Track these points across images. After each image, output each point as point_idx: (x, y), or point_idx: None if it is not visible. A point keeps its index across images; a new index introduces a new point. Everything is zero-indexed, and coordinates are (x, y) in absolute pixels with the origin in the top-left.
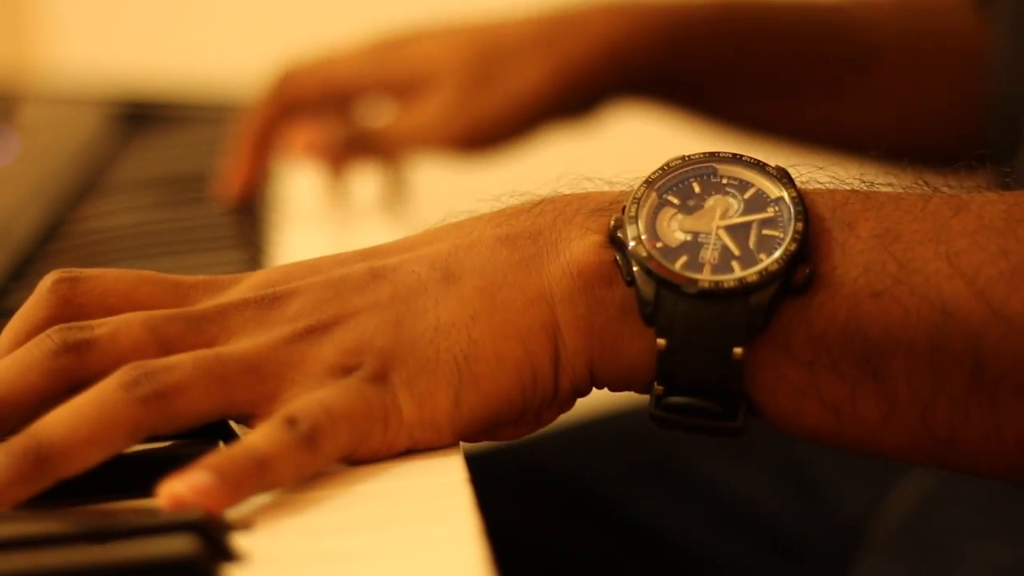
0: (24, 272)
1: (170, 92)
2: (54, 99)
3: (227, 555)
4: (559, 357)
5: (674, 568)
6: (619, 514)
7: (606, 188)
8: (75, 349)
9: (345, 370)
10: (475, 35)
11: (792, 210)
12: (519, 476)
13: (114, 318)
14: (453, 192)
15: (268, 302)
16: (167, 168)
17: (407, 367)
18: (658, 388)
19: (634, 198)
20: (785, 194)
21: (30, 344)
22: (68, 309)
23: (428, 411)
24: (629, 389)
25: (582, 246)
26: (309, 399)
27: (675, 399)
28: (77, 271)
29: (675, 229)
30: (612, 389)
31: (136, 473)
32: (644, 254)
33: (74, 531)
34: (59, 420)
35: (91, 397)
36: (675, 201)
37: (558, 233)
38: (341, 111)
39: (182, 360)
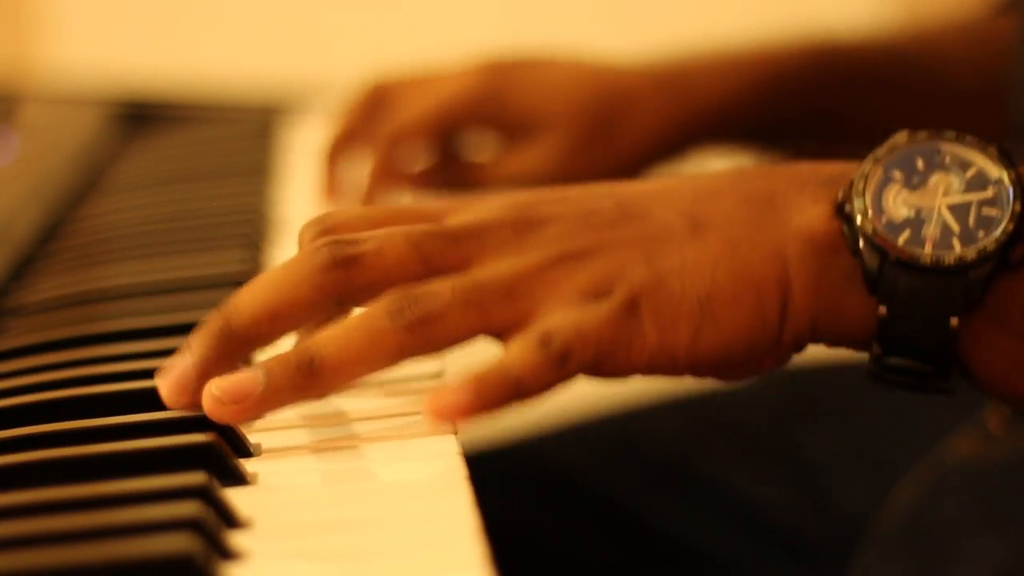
0: (24, 272)
1: (170, 92)
2: (54, 99)
3: (225, 553)
4: (787, 311)
5: (675, 566)
6: (620, 513)
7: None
8: (343, 265)
9: (596, 296)
10: (593, 77)
11: (1011, 191)
12: (520, 475)
13: (379, 233)
14: None
15: (524, 225)
16: (167, 168)
17: (655, 298)
18: (876, 350)
19: (862, 173)
20: (1005, 175)
21: (302, 257)
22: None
23: (669, 340)
24: (846, 347)
25: (812, 214)
26: (563, 319)
27: (892, 361)
28: (327, 215)
29: (899, 204)
30: (829, 345)
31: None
32: (870, 229)
33: (70, 529)
34: (331, 339)
35: (360, 320)
36: (899, 177)
37: (791, 199)
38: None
39: (443, 288)
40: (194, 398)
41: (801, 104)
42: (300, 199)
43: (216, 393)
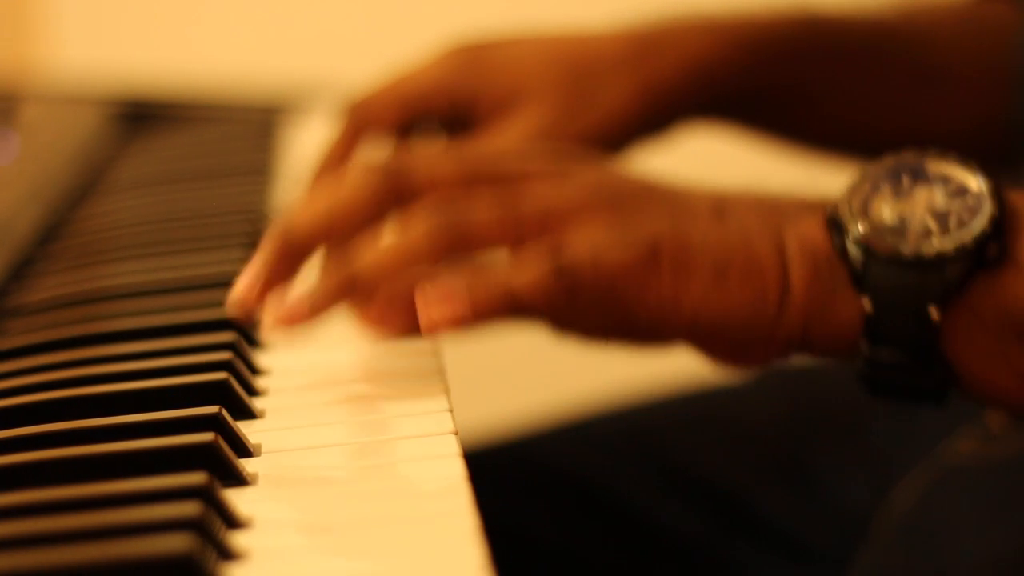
0: (24, 272)
1: (171, 91)
2: (54, 98)
3: (225, 553)
4: (783, 305)
5: (675, 565)
6: (620, 512)
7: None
8: (395, 191)
9: (622, 236)
10: (564, 48)
11: (989, 200)
12: (520, 475)
13: (428, 159)
14: None
15: (561, 174)
16: (168, 168)
17: (676, 251)
18: (864, 347)
19: (851, 186)
20: (985, 187)
21: (357, 182)
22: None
23: (680, 292)
24: (835, 352)
25: (809, 223)
26: (582, 243)
27: (881, 355)
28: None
29: (887, 211)
30: (818, 352)
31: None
32: (856, 231)
33: (70, 529)
34: (370, 255)
35: (400, 235)
36: (887, 189)
37: (793, 212)
38: (418, 129)
39: (485, 211)
40: (256, 307)
41: (783, 73)
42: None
43: (276, 317)
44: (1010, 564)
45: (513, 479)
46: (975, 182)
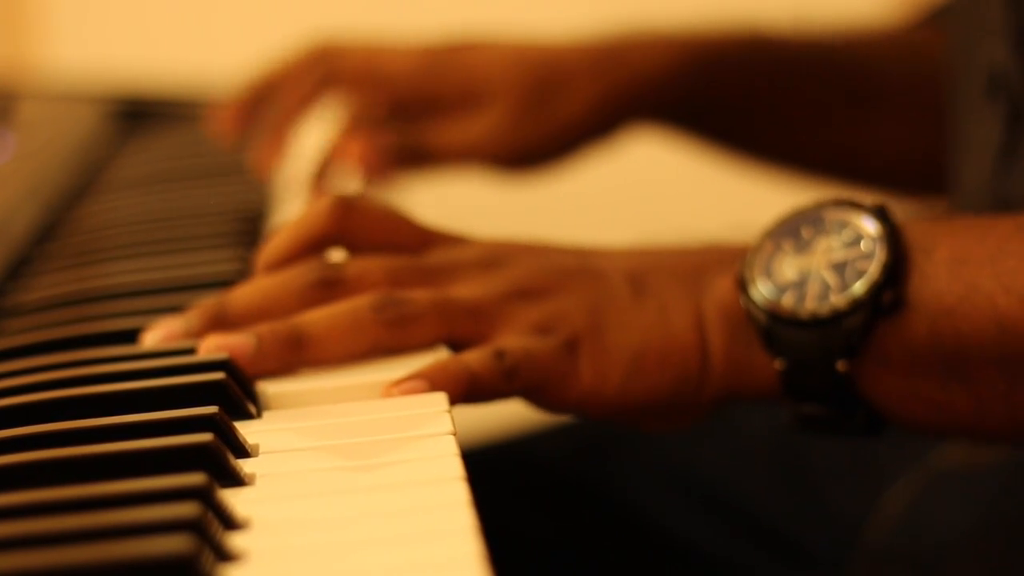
0: (21, 271)
1: (168, 89)
2: (51, 96)
3: (223, 554)
4: (704, 373)
5: (671, 566)
6: (617, 513)
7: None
8: (328, 285)
9: (545, 331)
10: (532, 55)
11: (881, 245)
12: (518, 475)
13: (362, 262)
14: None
15: (490, 264)
16: (164, 166)
17: (594, 344)
18: (787, 400)
19: (755, 248)
20: (879, 231)
21: (294, 274)
22: (338, 231)
23: (600, 384)
24: (764, 401)
25: (723, 285)
26: (515, 342)
27: (805, 409)
28: (352, 200)
29: (787, 269)
30: (748, 401)
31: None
32: (757, 296)
33: (67, 529)
34: (318, 320)
35: (347, 308)
36: (789, 246)
37: (711, 274)
38: (379, 112)
39: (421, 297)
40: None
41: (730, 87)
42: (298, 198)
43: (212, 349)
44: (1000, 569)
45: (512, 479)
46: (870, 227)
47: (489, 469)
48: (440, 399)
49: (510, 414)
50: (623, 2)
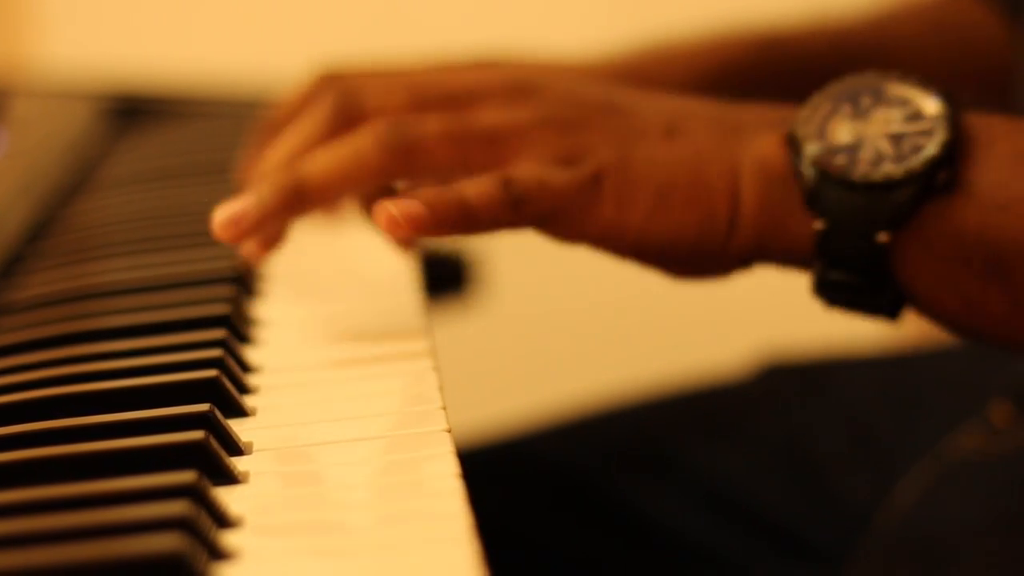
0: (13, 270)
1: (163, 86)
2: (44, 93)
3: (215, 553)
4: (734, 222)
5: (673, 562)
6: (616, 508)
7: None
8: (346, 115)
9: (567, 162)
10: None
11: (945, 124)
12: (514, 473)
13: (383, 84)
14: None
15: (516, 88)
16: (159, 163)
17: (619, 177)
18: (818, 265)
19: (812, 104)
20: (943, 111)
21: (314, 108)
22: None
23: (623, 216)
24: (791, 264)
25: (767, 140)
26: (529, 170)
27: (832, 275)
28: (341, 73)
29: (843, 131)
30: (774, 262)
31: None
32: (810, 150)
33: (58, 528)
34: (317, 160)
35: (347, 142)
36: (846, 109)
37: (752, 128)
38: None
39: (432, 123)
40: (243, 238)
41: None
42: None
43: (219, 218)
44: (1015, 560)
45: (511, 478)
46: (933, 106)
47: (490, 468)
48: (435, 397)
49: (510, 413)
50: (634, 15)
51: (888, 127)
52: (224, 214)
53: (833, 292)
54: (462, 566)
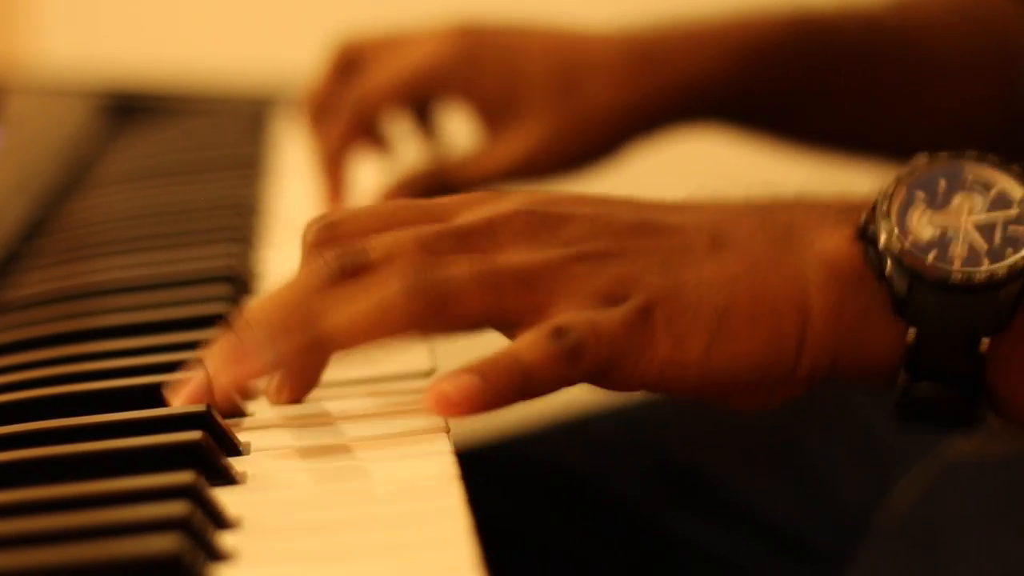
0: (9, 268)
1: (159, 83)
2: (40, 91)
3: (213, 554)
4: (804, 340)
5: (672, 564)
6: (615, 510)
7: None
8: (352, 273)
9: (612, 299)
10: (560, 51)
11: None
12: (515, 474)
13: (386, 237)
14: None
15: (539, 220)
16: (156, 161)
17: (670, 307)
18: (903, 378)
19: (885, 194)
20: None
21: (308, 271)
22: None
23: (681, 352)
24: (868, 381)
25: (834, 239)
26: (578, 315)
27: (920, 389)
28: (331, 214)
29: (924, 224)
30: (848, 380)
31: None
32: (897, 248)
33: (55, 528)
34: (339, 314)
35: (372, 302)
36: (923, 197)
37: (811, 228)
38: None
39: (460, 267)
40: (240, 399)
41: (780, 78)
42: (293, 193)
43: (221, 385)
44: (1015, 562)
45: (510, 477)
46: (1019, 189)
47: (488, 467)
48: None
49: (508, 412)
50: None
51: (973, 216)
52: (227, 377)
53: (917, 407)
54: (461, 567)
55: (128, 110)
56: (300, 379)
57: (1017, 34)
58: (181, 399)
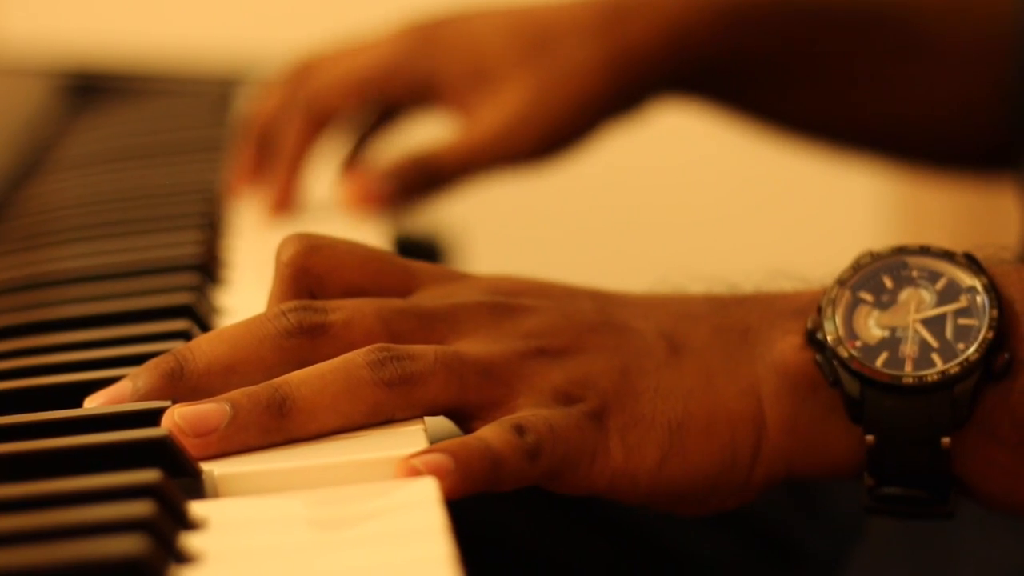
0: None
1: (122, 63)
2: None
3: (178, 556)
4: (760, 450)
5: (666, 568)
6: (608, 514)
7: (801, 286)
8: (309, 332)
9: (568, 398)
10: (523, 20)
11: (985, 297)
12: None
13: (348, 303)
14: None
15: (501, 312)
16: (118, 144)
17: (624, 415)
18: (869, 481)
19: (828, 298)
20: (977, 282)
21: (266, 318)
22: (306, 279)
23: (633, 463)
24: (833, 479)
25: (785, 346)
26: (536, 414)
27: (887, 490)
28: (311, 238)
29: (872, 326)
30: (811, 480)
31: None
32: (845, 355)
33: (14, 529)
34: (305, 382)
35: (338, 367)
36: (869, 298)
37: (765, 332)
38: (373, 116)
39: (425, 351)
40: (208, 455)
41: (760, 46)
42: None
43: (178, 421)
44: (1011, 564)
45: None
46: (966, 277)
47: None
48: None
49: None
50: None
51: (921, 312)
52: (184, 417)
53: (887, 506)
54: (436, 565)
55: (89, 90)
56: (255, 440)
57: (1009, 16)
58: (99, 401)
